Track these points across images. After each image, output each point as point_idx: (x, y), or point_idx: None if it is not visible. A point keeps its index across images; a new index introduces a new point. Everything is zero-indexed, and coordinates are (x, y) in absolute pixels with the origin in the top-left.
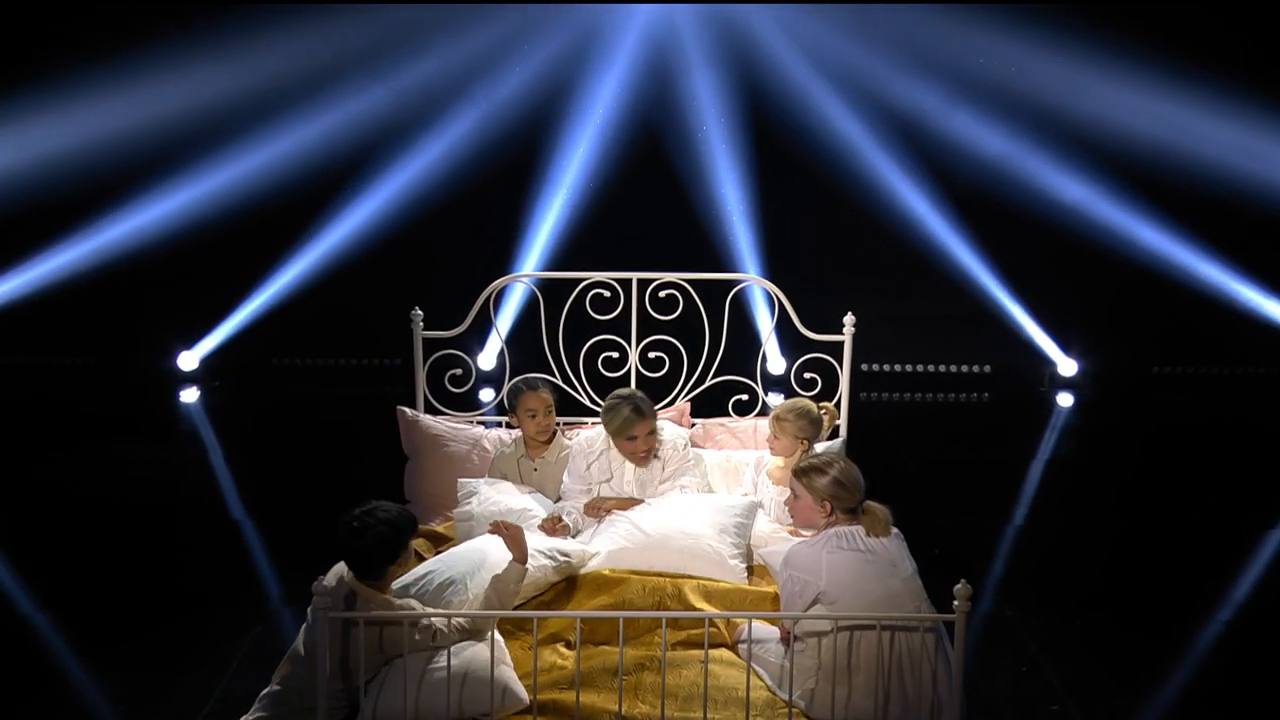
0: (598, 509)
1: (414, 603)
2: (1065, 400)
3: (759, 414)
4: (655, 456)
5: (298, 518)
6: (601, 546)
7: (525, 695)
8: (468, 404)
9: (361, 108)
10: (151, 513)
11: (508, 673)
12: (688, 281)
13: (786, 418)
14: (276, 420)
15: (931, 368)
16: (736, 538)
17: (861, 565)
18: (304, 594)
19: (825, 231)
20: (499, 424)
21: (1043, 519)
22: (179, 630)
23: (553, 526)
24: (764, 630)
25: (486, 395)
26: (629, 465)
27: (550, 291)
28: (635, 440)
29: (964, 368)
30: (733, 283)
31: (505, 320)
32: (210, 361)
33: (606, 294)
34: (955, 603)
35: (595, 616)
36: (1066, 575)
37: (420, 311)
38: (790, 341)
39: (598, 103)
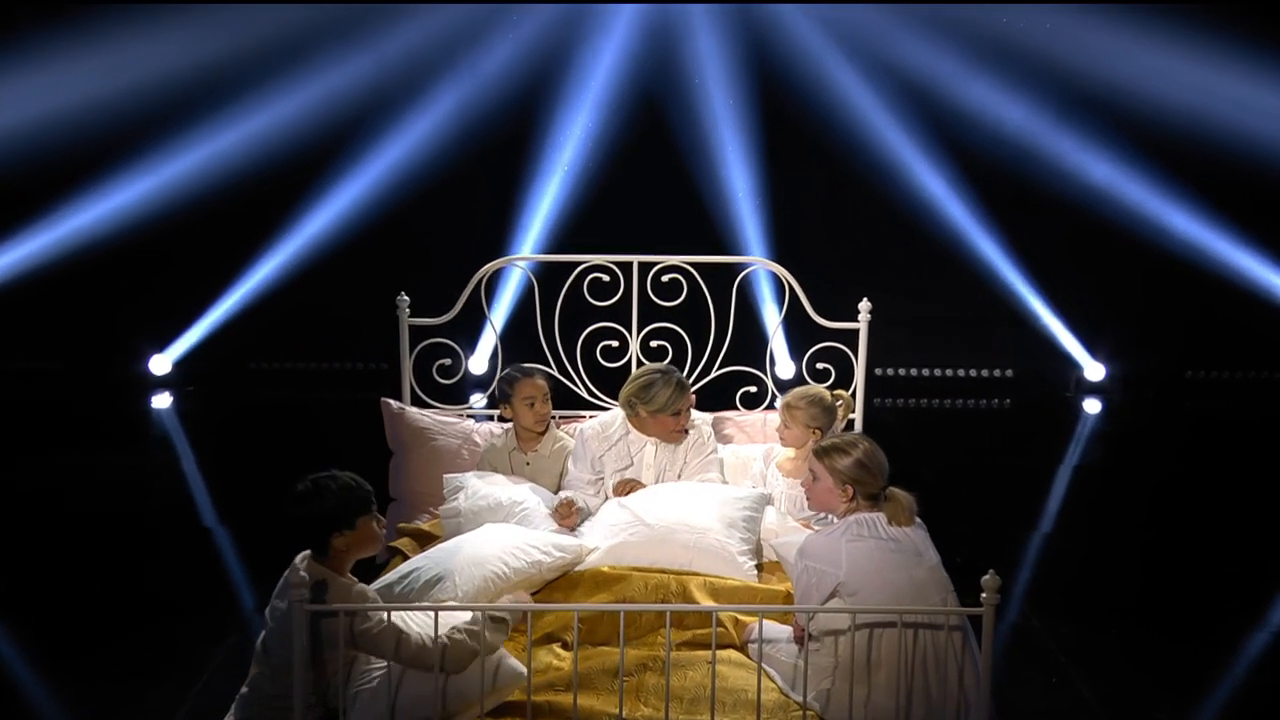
0: (629, 489)
1: (371, 592)
2: (1093, 407)
3: (768, 407)
4: (684, 432)
5: (274, 524)
6: (600, 540)
7: (523, 669)
8: (457, 396)
9: (341, 81)
10: (122, 520)
11: (502, 651)
12: (692, 265)
13: (798, 405)
14: (253, 426)
15: (949, 372)
16: (745, 532)
17: (884, 554)
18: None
19: (836, 219)
20: (490, 417)
21: (1069, 527)
22: (150, 639)
23: (568, 511)
24: (776, 629)
25: (478, 400)
26: (649, 450)
27: (545, 276)
28: (679, 416)
29: (983, 372)
30: (739, 267)
31: (500, 309)
32: (184, 365)
33: (605, 278)
34: (983, 595)
35: (593, 610)
36: (1096, 584)
37: (406, 297)
38: (802, 331)
39: (595, 73)
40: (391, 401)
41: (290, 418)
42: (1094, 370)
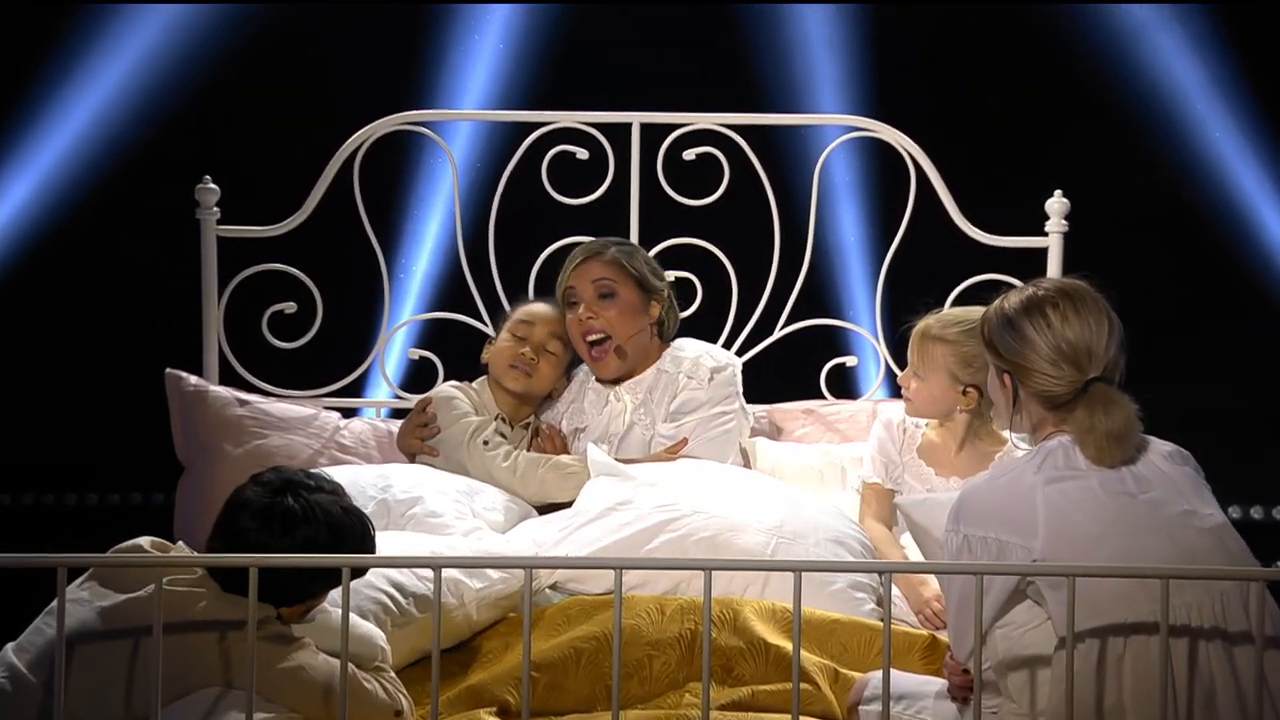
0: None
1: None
2: None
3: (873, 394)
4: (667, 355)
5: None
6: (583, 546)
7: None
8: (308, 370)
9: None
10: None
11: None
12: (735, 128)
13: (946, 336)
14: None
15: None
16: (861, 559)
17: (1115, 504)
18: None
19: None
20: (385, 410)
21: None
22: None
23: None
24: (911, 682)
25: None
26: (615, 404)
27: (477, 153)
28: (575, 306)
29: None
30: (821, 136)
31: (397, 216)
32: None
33: (583, 154)
34: None
35: (544, 565)
36: None
37: (214, 186)
38: (936, 251)
39: None
40: (184, 375)
41: None
42: None
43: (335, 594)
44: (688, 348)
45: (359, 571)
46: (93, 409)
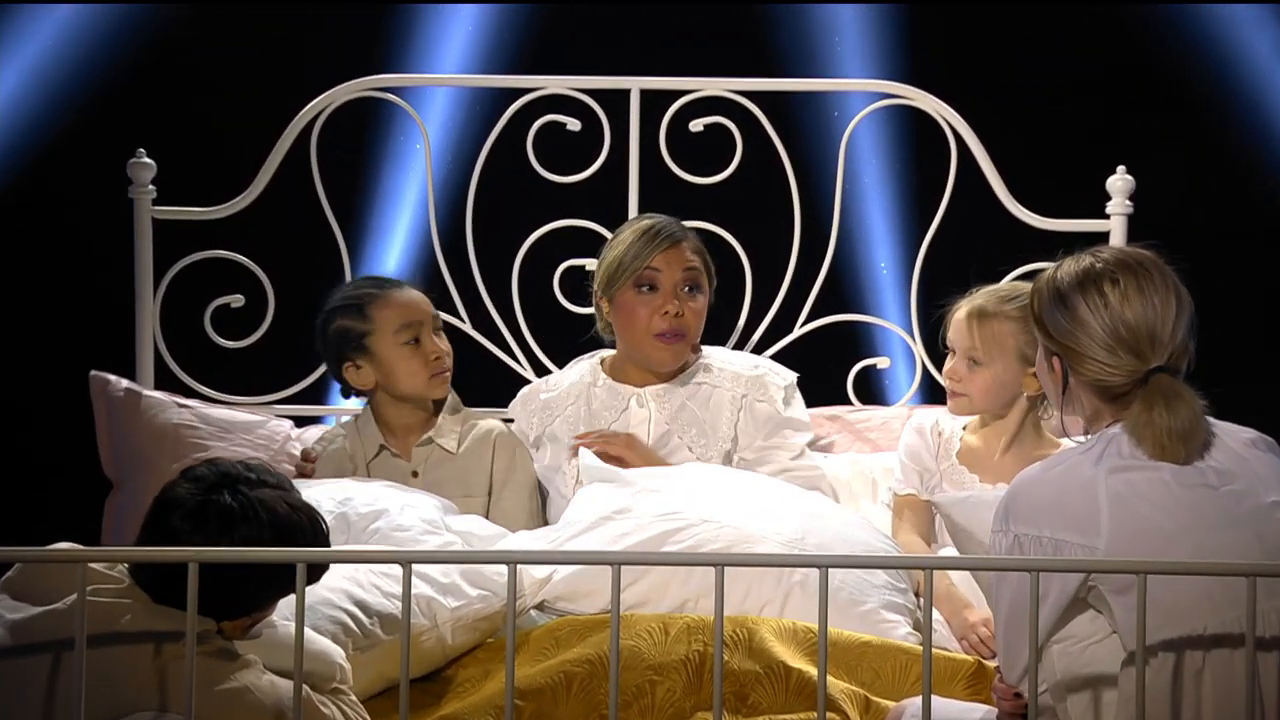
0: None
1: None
2: None
3: (908, 399)
4: (700, 364)
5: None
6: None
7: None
8: (256, 373)
9: None
10: None
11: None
12: (749, 96)
13: (1008, 313)
14: None
15: None
16: (900, 580)
17: (1196, 499)
18: None
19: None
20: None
21: None
22: None
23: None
24: (955, 709)
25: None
26: (636, 409)
27: (455, 126)
28: (653, 291)
29: None
30: (850, 103)
31: (360, 193)
32: None
33: (574, 126)
34: None
35: (530, 560)
36: None
37: (149, 160)
38: (985, 234)
39: None
40: (113, 378)
41: None
42: None
43: (285, 607)
44: (730, 358)
45: (316, 573)
46: (4, 420)
